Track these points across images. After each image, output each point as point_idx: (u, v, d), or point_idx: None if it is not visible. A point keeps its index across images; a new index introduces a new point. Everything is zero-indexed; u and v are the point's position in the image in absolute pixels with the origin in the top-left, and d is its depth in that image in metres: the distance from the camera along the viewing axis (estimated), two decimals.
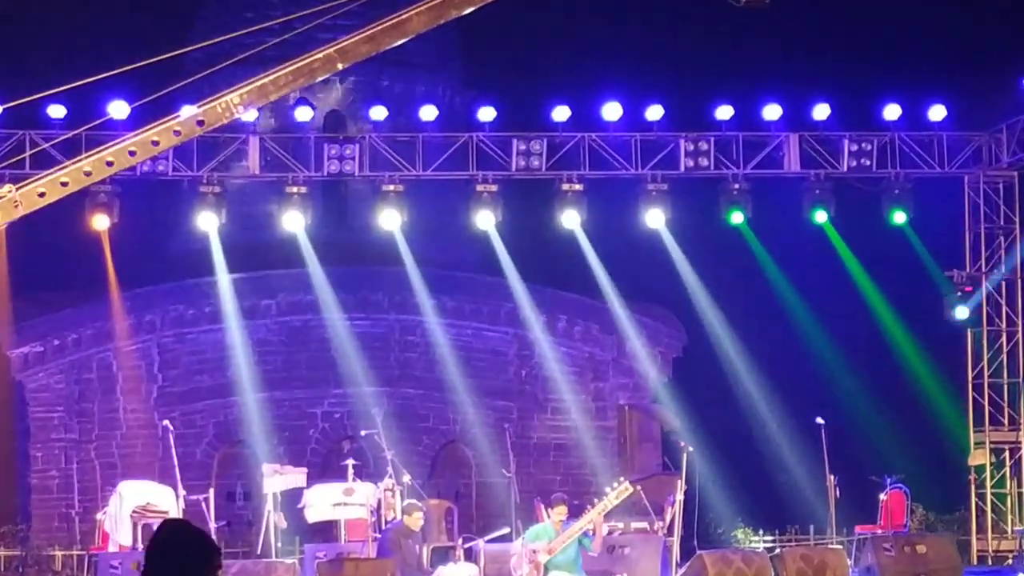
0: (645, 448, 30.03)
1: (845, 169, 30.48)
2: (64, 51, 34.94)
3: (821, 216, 30.64)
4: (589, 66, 35.97)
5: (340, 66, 20.77)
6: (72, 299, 35.33)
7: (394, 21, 20.60)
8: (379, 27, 20.64)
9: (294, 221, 30.07)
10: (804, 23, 29.35)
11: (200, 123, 20.73)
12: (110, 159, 20.56)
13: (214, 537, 24.71)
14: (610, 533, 26.37)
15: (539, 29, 35.35)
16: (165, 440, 27.16)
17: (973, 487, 31.89)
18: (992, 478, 31.95)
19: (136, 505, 25.73)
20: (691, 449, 26.87)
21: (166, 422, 28.56)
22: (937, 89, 31.03)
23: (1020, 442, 31.20)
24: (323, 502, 26.58)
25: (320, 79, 21.24)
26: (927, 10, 37.65)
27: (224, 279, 33.08)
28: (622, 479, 25.09)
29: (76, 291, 35.00)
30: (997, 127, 31.11)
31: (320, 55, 20.46)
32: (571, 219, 30.15)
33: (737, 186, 30.22)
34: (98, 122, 24.33)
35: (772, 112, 30.18)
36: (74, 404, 35.48)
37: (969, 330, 31.95)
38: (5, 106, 25.87)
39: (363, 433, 29.65)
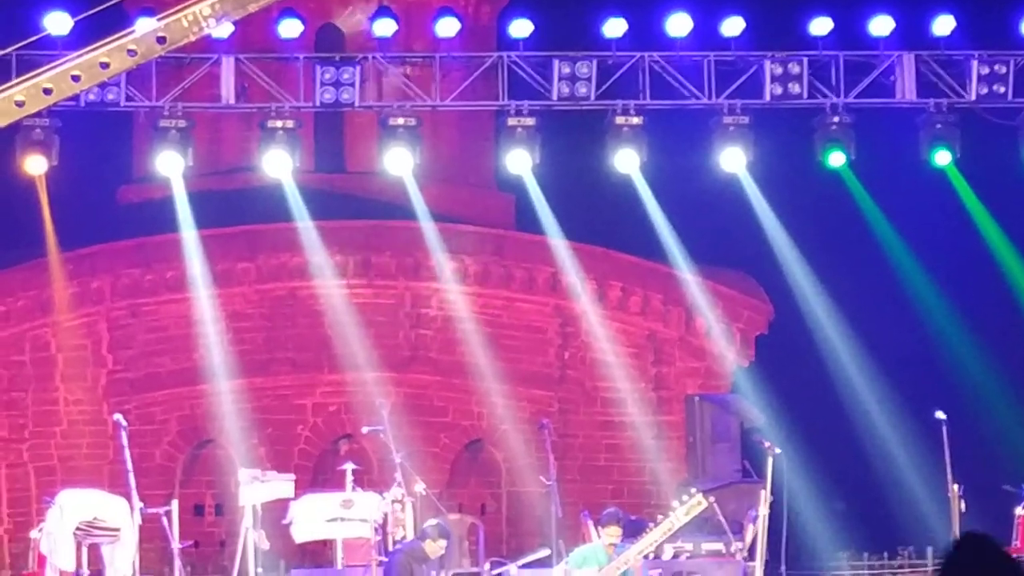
0: (720, 450, 30.16)
1: (974, 98, 30.50)
2: None
3: (943, 157, 30.65)
4: None
5: None
6: (1, 263, 35.54)
7: None
8: None
9: (278, 163, 30.12)
10: None
11: (161, 40, 20.84)
12: (48, 85, 20.70)
13: (176, 560, 24.95)
14: (675, 557, 26.55)
15: None
16: (117, 439, 27.31)
17: None
18: None
19: (80, 520, 25.78)
20: (778, 451, 26.93)
21: (118, 416, 28.66)
22: None
23: None
24: (315, 517, 26.68)
25: None
26: None
27: (190, 236, 33.21)
28: (693, 490, 25.27)
29: (5, 252, 35.18)
30: None
31: None
32: (627, 160, 30.20)
33: (837, 119, 30.25)
34: (32, 39, 24.47)
35: (881, 26, 30.23)
36: (1, 394, 35.76)
37: None
38: None
39: (365, 431, 29.84)
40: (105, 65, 20.56)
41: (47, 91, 20.52)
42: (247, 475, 27.46)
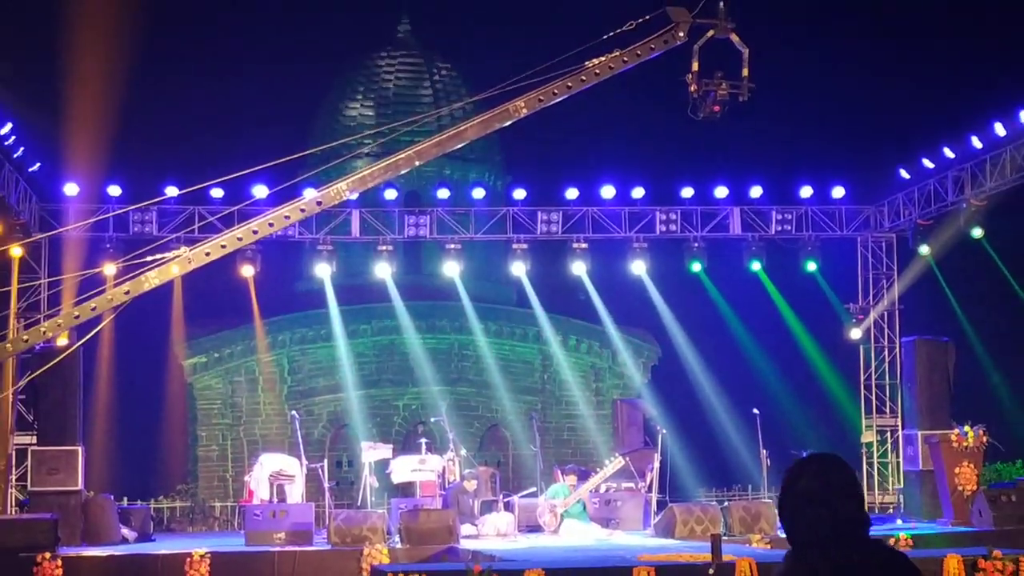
0: (632, 431, 29.95)
1: (773, 232, 30.53)
2: (221, 145, 35.21)
3: (756, 266, 30.68)
4: (592, 158, 36.15)
5: (417, 163, 20.89)
6: (228, 324, 35.47)
7: (455, 131, 20.73)
8: (444, 136, 20.78)
9: (384, 270, 30.19)
10: (746, 126, 29.42)
11: (319, 204, 20.87)
12: (255, 229, 20.71)
13: (327, 494, 24.83)
14: (607, 491, 26.44)
15: (556, 132, 35.38)
16: (293, 424, 27.17)
17: (864, 458, 31.89)
18: (878, 451, 31.95)
19: (272, 471, 25.78)
20: (664, 431, 26.87)
21: (293, 412, 28.62)
22: (839, 173, 31.10)
23: (897, 426, 31.16)
24: (404, 468, 26.62)
25: (403, 172, 21.33)
26: (833, 115, 37.82)
27: (334, 310, 33.19)
28: (616, 454, 25.19)
29: (230, 318, 35.13)
30: (881, 202, 31.18)
31: (403, 155, 20.58)
32: (579, 268, 30.24)
33: (696, 245, 30.26)
34: (247, 203, 24.49)
35: (722, 192, 30.25)
36: (228, 399, 35.62)
37: (861, 346, 32.00)
38: (183, 191, 26.06)
39: (432, 419, 29.71)
40: (287, 217, 20.57)
41: (255, 232, 20.51)
42: (366, 445, 27.43)
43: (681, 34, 20.38)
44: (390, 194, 29.79)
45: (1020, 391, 34.80)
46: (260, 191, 25.48)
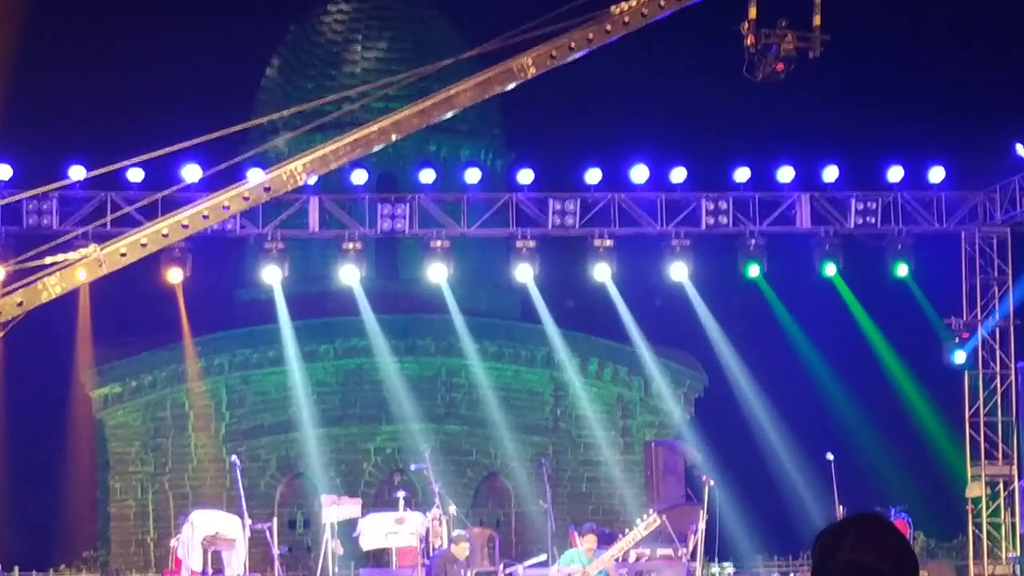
0: (669, 481, 29.94)
1: (852, 226, 30.47)
2: (141, 117, 35.26)
3: (830, 269, 30.63)
4: (618, 131, 36.15)
5: (394, 137, 20.92)
6: (149, 344, 35.53)
7: (443, 96, 20.76)
8: (430, 101, 20.81)
9: (350, 274, 30.14)
10: (816, 93, 29.44)
11: (267, 190, 20.91)
12: (185, 223, 20.76)
13: (276, 562, 24.82)
14: (637, 559, 26.42)
15: (573, 98, 35.46)
16: (232, 473, 27.18)
17: (970, 516, 31.80)
18: (988, 508, 31.90)
19: (206, 533, 25.75)
20: (712, 482, 26.84)
21: (234, 457, 28.60)
22: (937, 152, 31.05)
23: (1013, 475, 31.13)
24: (376, 531, 26.56)
25: (376, 148, 21.35)
26: (928, 79, 37.78)
27: (286, 326, 33.21)
28: (650, 511, 25.18)
29: (153, 337, 35.19)
30: (991, 187, 31.11)
31: (376, 127, 20.61)
32: (602, 272, 30.19)
33: (753, 242, 30.22)
34: (174, 189, 24.45)
35: (785, 174, 30.20)
36: (149, 439, 35.68)
37: (966, 372, 31.91)
38: (91, 174, 26.02)
39: (412, 466, 29.74)
40: (226, 207, 20.63)
41: (184, 226, 20.58)
42: (327, 499, 27.36)
43: None
44: (358, 177, 29.71)
45: None
46: (191, 173, 25.40)
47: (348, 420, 35.78)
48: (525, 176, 30.13)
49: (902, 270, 30.75)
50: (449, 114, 21.00)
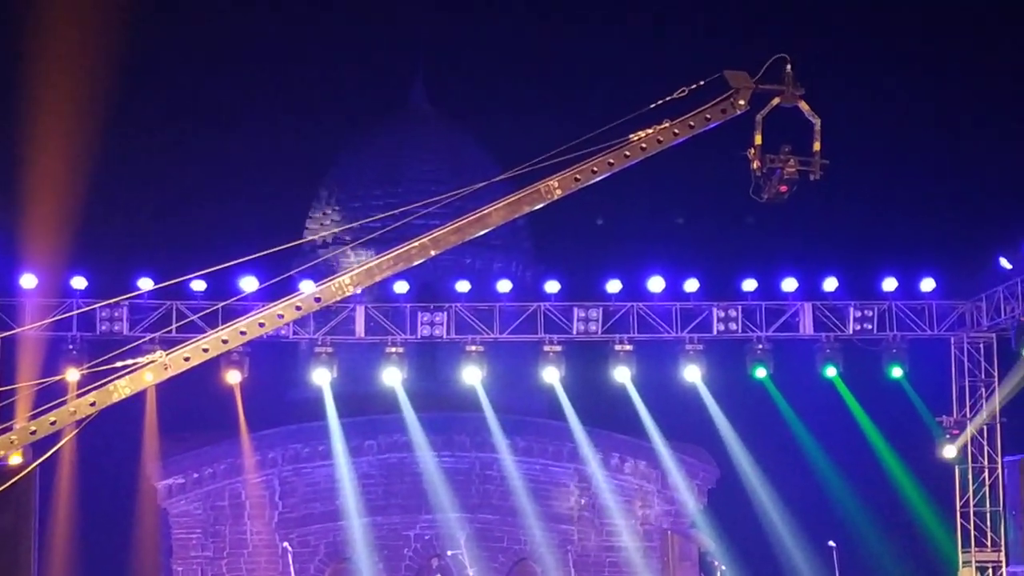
0: (685, 566, 29.75)
1: (851, 332, 30.44)
2: (205, 231, 35.46)
3: (831, 372, 30.58)
4: (637, 246, 36.24)
5: (433, 253, 20.84)
6: (209, 439, 35.50)
7: (477, 215, 20.73)
8: (465, 220, 20.78)
9: (393, 376, 30.20)
10: (817, 211, 29.50)
11: (317, 300, 20.84)
12: (243, 329, 20.70)
13: None
14: None
15: (596, 217, 35.58)
16: (284, 558, 27.09)
17: None
18: None
19: None
20: (724, 568, 26.75)
21: (285, 543, 28.54)
22: (928, 264, 31.04)
23: (1001, 561, 30.87)
24: None
25: (416, 263, 21.36)
26: (919, 197, 37.83)
27: (334, 423, 33.20)
28: None
29: (213, 432, 35.17)
30: (978, 296, 31.06)
31: (416, 244, 20.57)
32: (622, 374, 30.18)
33: (761, 346, 30.19)
34: (234, 300, 24.52)
35: (789, 284, 30.23)
36: (209, 527, 35.53)
37: (957, 467, 31.74)
38: (159, 285, 26.13)
39: (449, 553, 29.63)
40: (281, 316, 20.56)
41: (243, 332, 20.50)
42: None
43: (742, 102, 20.37)
44: (400, 287, 29.86)
45: None
46: (249, 284, 25.54)
47: (390, 509, 35.62)
48: (552, 287, 30.21)
49: (897, 372, 30.68)
50: (483, 232, 20.95)
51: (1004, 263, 29.57)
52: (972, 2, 39.80)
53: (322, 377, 30.16)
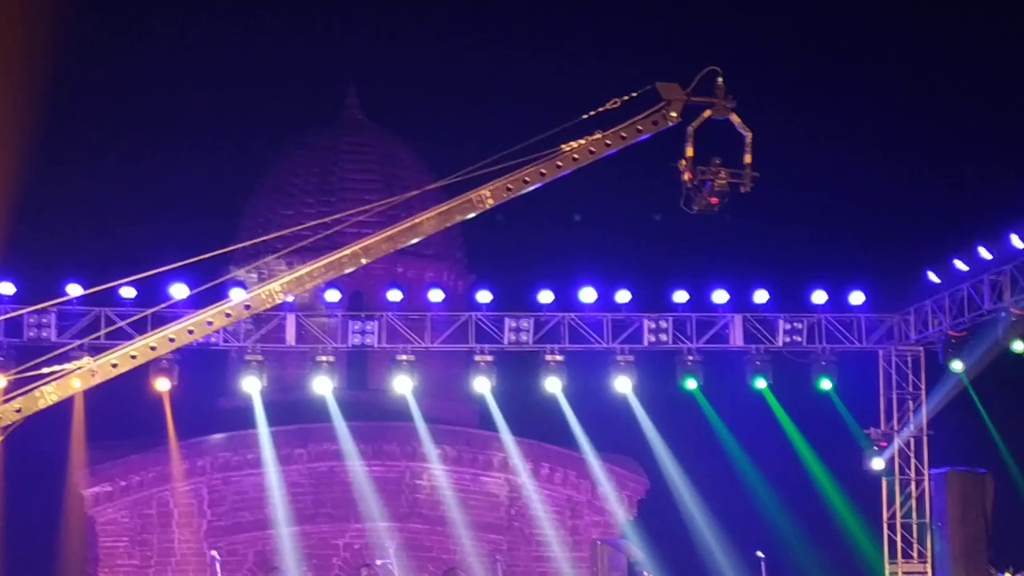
0: None
1: (780, 344, 30.59)
2: (134, 238, 35.26)
3: (761, 383, 30.70)
4: (569, 257, 36.31)
5: (364, 261, 20.88)
6: (137, 447, 35.28)
7: (409, 224, 20.78)
8: (397, 228, 20.82)
9: (323, 385, 30.11)
10: (747, 223, 29.59)
11: (247, 307, 20.84)
12: (172, 336, 20.67)
13: None
14: None
15: (528, 227, 35.61)
16: (212, 567, 26.94)
17: None
18: None
19: None
20: None
21: (213, 552, 28.39)
22: (857, 278, 31.23)
23: (927, 572, 31.07)
24: None
25: (347, 271, 21.34)
26: (848, 212, 38.11)
27: (264, 431, 33.05)
28: None
29: (141, 440, 34.96)
30: (906, 310, 31.28)
31: (348, 251, 20.60)
32: (553, 384, 30.21)
33: (691, 358, 30.30)
34: (163, 306, 24.37)
35: (720, 297, 30.34)
36: (136, 535, 35.33)
37: (884, 478, 31.93)
38: (87, 291, 25.94)
39: (378, 562, 29.55)
40: (210, 323, 20.54)
41: (171, 339, 20.49)
42: None
43: (673, 114, 20.52)
44: (332, 296, 29.78)
45: None
46: (179, 291, 25.41)
47: (320, 518, 35.51)
48: (484, 297, 30.21)
49: (826, 384, 30.84)
50: (415, 240, 21.01)
51: (932, 277, 29.80)
52: (903, 20, 40.13)
53: (252, 385, 30.04)
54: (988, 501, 27.96)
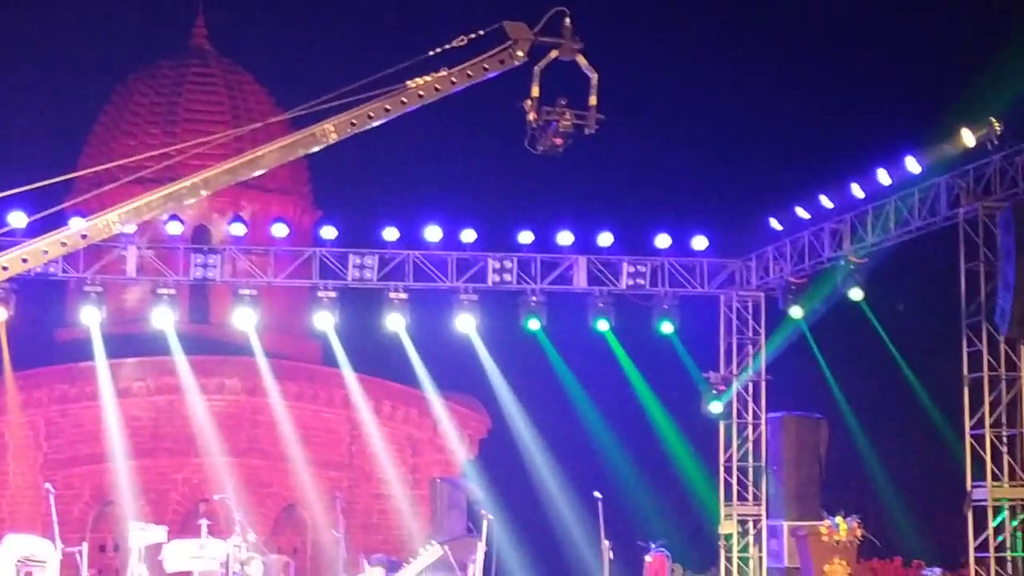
0: (452, 515, 29.91)
1: (623, 287, 30.75)
2: None
3: (603, 325, 30.85)
4: (415, 195, 36.28)
5: (204, 193, 20.60)
6: None
7: (250, 157, 20.54)
8: (238, 161, 20.57)
9: (163, 317, 29.78)
10: (594, 165, 29.76)
11: (84, 236, 20.50)
12: (5, 265, 20.27)
13: None
14: None
15: (374, 164, 35.47)
16: (47, 500, 26.56)
17: (723, 551, 32.14)
18: (738, 544, 32.26)
19: (20, 556, 25.12)
20: (491, 517, 26.81)
21: (48, 484, 27.98)
22: (700, 223, 31.47)
23: (761, 515, 31.53)
24: (180, 555, 26.12)
25: (188, 202, 21.08)
26: (691, 157, 38.40)
27: (102, 364, 32.63)
28: (433, 542, 25.13)
29: None
30: (748, 256, 31.60)
31: (187, 183, 20.32)
32: (396, 322, 30.14)
33: (535, 299, 30.35)
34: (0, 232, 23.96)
35: (565, 238, 30.41)
36: None
37: (722, 422, 32.25)
38: None
39: (216, 497, 29.32)
40: (45, 252, 20.19)
41: (5, 268, 20.11)
42: (135, 526, 26.85)
43: (520, 53, 20.48)
44: (174, 228, 29.42)
45: (900, 477, 35.52)
46: (16, 219, 24.96)
47: (158, 453, 35.28)
48: (328, 232, 30.02)
49: (667, 328, 31.06)
50: (256, 173, 20.76)
51: (774, 224, 30.12)
52: None
53: (91, 316, 29.61)
54: (822, 446, 28.43)
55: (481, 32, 20.35)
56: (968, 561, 24.20)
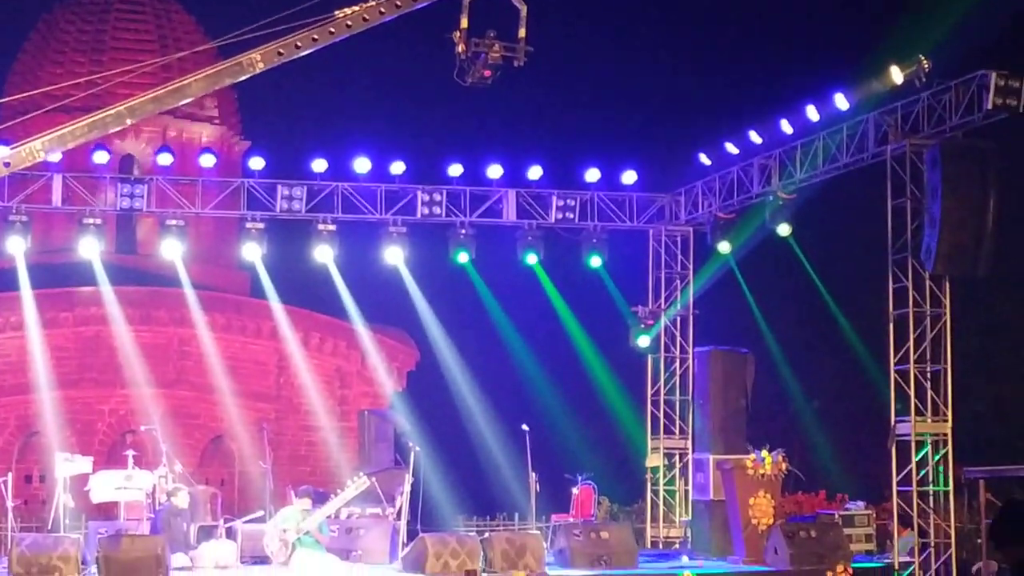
0: (380, 447, 29.90)
1: (553, 220, 30.74)
2: None
3: (532, 259, 30.84)
4: (344, 126, 36.13)
5: (129, 121, 20.50)
6: None
7: (176, 85, 20.44)
8: (163, 90, 20.47)
9: (90, 247, 29.55)
10: (523, 99, 29.71)
11: (6, 164, 20.36)
12: None
13: (10, 514, 24.26)
14: (348, 517, 26.35)
15: (304, 93, 35.26)
16: None
17: (649, 484, 32.33)
18: (664, 477, 32.46)
19: None
20: (418, 449, 26.86)
21: None
22: (630, 157, 31.49)
23: (687, 448, 31.71)
24: (106, 486, 26.12)
25: (113, 130, 20.93)
26: (623, 92, 38.38)
27: (28, 294, 32.38)
28: (361, 474, 25.16)
29: None
30: (677, 190, 31.66)
31: (112, 111, 20.19)
32: (324, 254, 30.02)
33: (464, 231, 30.31)
34: None
35: (495, 171, 30.34)
36: None
37: (649, 356, 32.36)
38: None
39: (143, 428, 29.26)
40: None
41: None
42: (61, 456, 26.78)
43: None
44: (100, 157, 29.14)
45: (825, 411, 35.82)
46: None
47: (84, 384, 35.13)
48: (257, 163, 29.80)
49: (596, 262, 31.09)
50: (182, 102, 20.72)
51: (703, 159, 30.18)
52: None
53: (16, 246, 29.33)
54: (749, 380, 28.56)
55: None
56: (891, 495, 24.48)
